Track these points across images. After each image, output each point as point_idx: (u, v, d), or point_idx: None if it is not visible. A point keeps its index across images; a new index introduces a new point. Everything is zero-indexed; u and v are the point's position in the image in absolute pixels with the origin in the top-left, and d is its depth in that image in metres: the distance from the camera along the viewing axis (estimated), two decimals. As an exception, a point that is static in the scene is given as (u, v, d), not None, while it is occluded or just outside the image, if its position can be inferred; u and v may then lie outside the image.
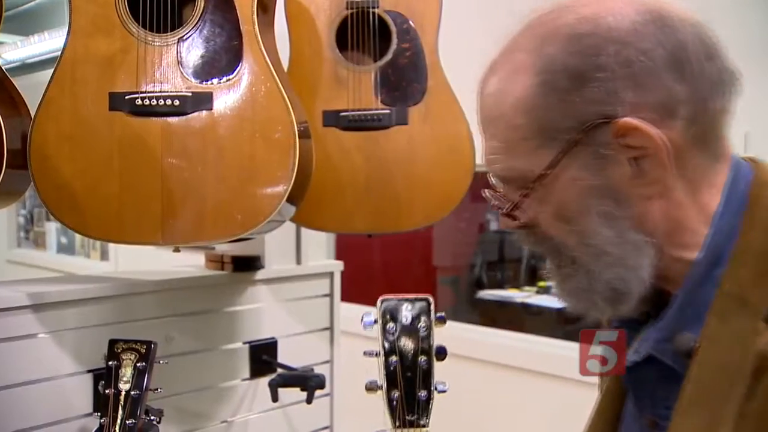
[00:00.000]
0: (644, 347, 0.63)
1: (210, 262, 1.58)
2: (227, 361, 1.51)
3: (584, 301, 0.63)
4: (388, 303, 0.84)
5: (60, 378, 1.27)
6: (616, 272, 0.60)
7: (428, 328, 0.83)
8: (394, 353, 0.83)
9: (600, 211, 0.60)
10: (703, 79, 0.59)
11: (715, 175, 0.61)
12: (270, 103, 1.10)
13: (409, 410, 0.81)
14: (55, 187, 1.10)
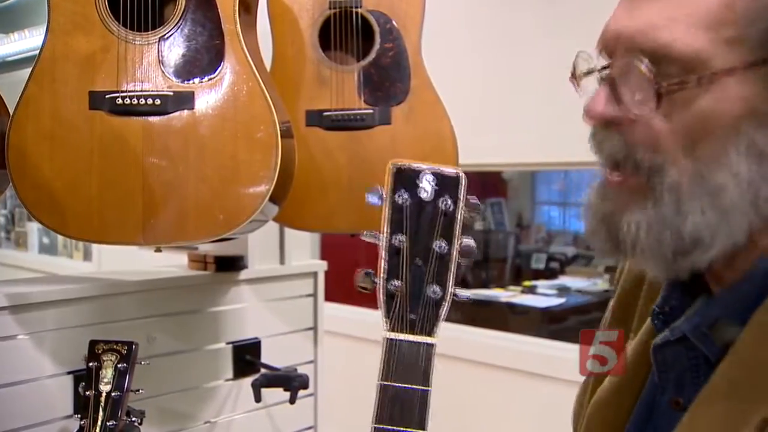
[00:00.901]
0: (680, 328, 0.59)
1: (193, 262, 1.57)
2: (210, 362, 1.50)
3: (648, 237, 0.54)
4: (402, 169, 0.63)
5: (40, 380, 1.25)
6: (711, 219, 0.53)
7: (454, 208, 0.61)
8: (402, 231, 0.62)
9: (750, 145, 0.52)
10: None
11: None
12: (252, 103, 1.09)
13: (411, 308, 0.61)
14: (33, 186, 1.09)
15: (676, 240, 0.54)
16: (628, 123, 0.55)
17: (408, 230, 0.62)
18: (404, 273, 0.62)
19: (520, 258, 4.43)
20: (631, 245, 0.56)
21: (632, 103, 0.54)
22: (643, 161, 0.54)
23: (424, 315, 0.61)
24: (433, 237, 0.61)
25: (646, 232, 0.55)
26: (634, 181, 0.56)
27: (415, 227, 0.62)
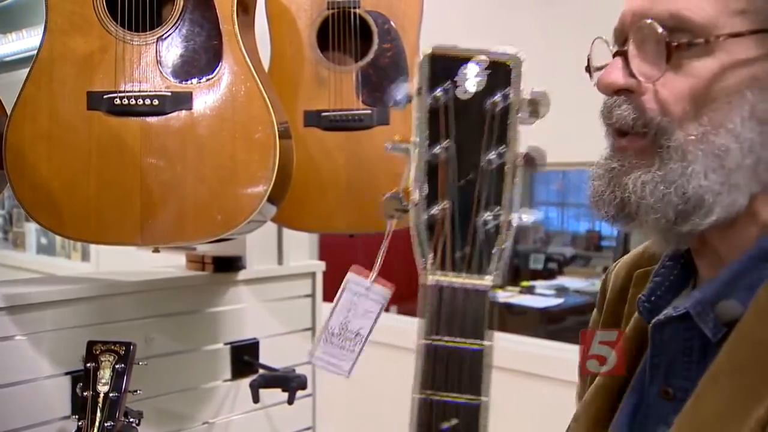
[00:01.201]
0: (684, 304, 0.60)
1: (191, 262, 1.57)
2: (208, 362, 1.50)
3: (652, 196, 0.56)
4: (439, 56, 0.49)
5: (38, 380, 1.25)
6: (714, 182, 0.55)
7: (506, 106, 0.47)
8: (440, 139, 0.47)
9: (753, 111, 0.55)
10: None
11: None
12: (250, 103, 1.09)
13: (458, 242, 0.47)
14: (31, 186, 1.09)
15: (680, 200, 0.56)
16: (638, 91, 0.58)
17: (449, 137, 0.47)
18: (446, 195, 0.47)
19: (518, 258, 4.44)
20: (636, 205, 0.57)
21: (645, 67, 0.57)
22: (651, 125, 0.57)
23: (475, 250, 0.47)
24: (484, 144, 0.47)
25: (652, 191, 0.56)
26: (641, 144, 0.58)
27: (458, 133, 0.47)
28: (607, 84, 0.59)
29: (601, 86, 0.60)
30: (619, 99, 0.59)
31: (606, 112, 0.60)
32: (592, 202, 0.61)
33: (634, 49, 0.58)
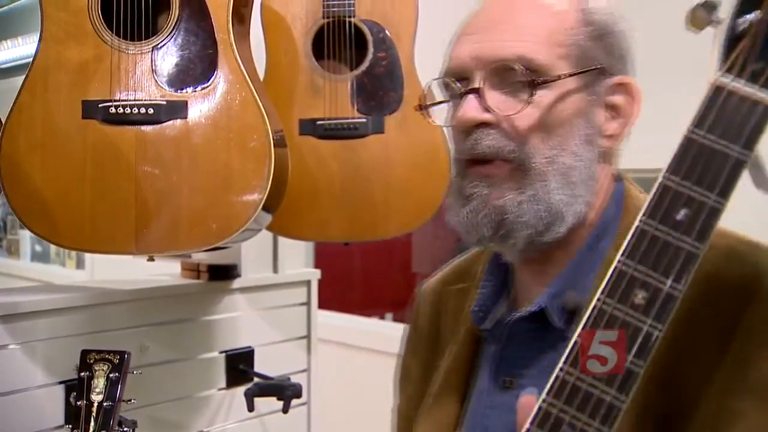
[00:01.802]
0: (538, 302, 0.69)
1: (186, 270, 1.56)
2: (203, 371, 1.50)
3: (529, 214, 0.66)
4: None
5: (31, 390, 1.24)
6: (566, 195, 0.66)
7: None
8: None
9: (583, 134, 0.68)
10: None
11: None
12: (245, 112, 1.09)
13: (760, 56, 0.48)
14: (25, 195, 1.09)
15: (547, 214, 0.66)
16: (494, 122, 0.67)
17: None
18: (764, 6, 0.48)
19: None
20: (513, 224, 0.66)
21: (505, 101, 0.67)
22: (515, 152, 0.67)
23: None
24: None
25: (527, 209, 0.66)
26: (507, 169, 0.67)
27: None
28: (469, 119, 0.67)
29: (462, 122, 0.67)
30: (483, 131, 0.67)
31: (472, 144, 0.67)
32: (465, 226, 0.68)
33: (488, 86, 0.67)
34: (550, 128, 0.67)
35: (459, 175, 0.70)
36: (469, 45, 0.69)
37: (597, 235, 0.70)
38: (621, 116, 0.71)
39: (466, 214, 0.68)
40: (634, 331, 0.51)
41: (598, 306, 0.52)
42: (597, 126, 0.69)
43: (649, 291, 0.50)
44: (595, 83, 0.69)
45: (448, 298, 0.81)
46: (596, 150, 0.69)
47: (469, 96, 0.67)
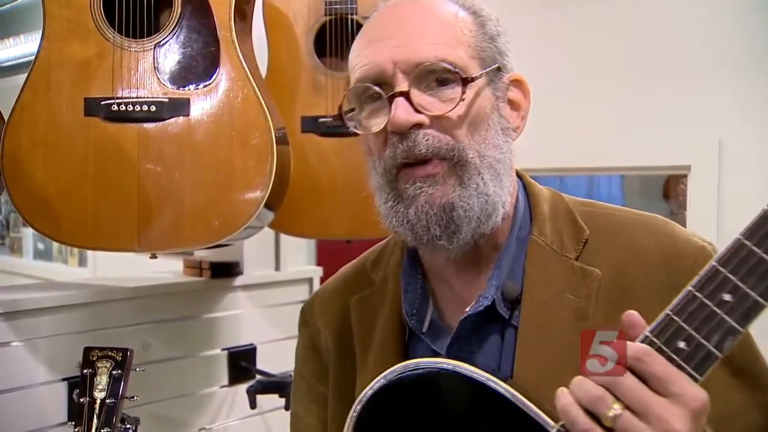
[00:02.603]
0: (487, 297, 0.71)
1: (188, 268, 1.57)
2: (205, 368, 1.50)
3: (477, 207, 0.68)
4: None
5: (34, 387, 1.25)
6: (496, 186, 0.70)
7: None
8: None
9: (500, 127, 0.72)
10: None
11: None
12: (247, 109, 1.09)
13: None
14: (28, 192, 1.09)
15: (489, 206, 0.69)
16: (426, 123, 0.68)
17: None
18: None
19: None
20: (461, 218, 0.68)
21: (435, 102, 0.69)
22: (453, 149, 0.69)
23: None
24: None
25: (474, 203, 0.68)
26: (446, 167, 0.69)
27: None
28: (404, 122, 0.67)
29: (397, 125, 0.68)
30: (419, 132, 0.68)
31: (410, 146, 0.68)
32: (414, 225, 0.69)
33: (414, 89, 0.68)
34: (475, 124, 0.70)
35: (391, 181, 0.70)
36: (387, 50, 0.70)
37: (516, 226, 0.75)
38: (520, 110, 0.76)
39: (414, 214, 0.68)
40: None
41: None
42: (507, 119, 0.74)
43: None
44: (497, 81, 0.73)
45: (352, 308, 0.82)
46: (510, 143, 0.74)
47: (398, 99, 0.68)
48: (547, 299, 0.70)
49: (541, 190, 0.78)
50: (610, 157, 1.50)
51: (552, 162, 1.57)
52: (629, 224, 0.75)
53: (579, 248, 0.72)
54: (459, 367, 0.62)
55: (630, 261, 0.70)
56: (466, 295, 0.74)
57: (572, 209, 0.77)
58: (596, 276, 0.70)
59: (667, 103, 1.40)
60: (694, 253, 0.70)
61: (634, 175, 2.65)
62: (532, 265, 0.72)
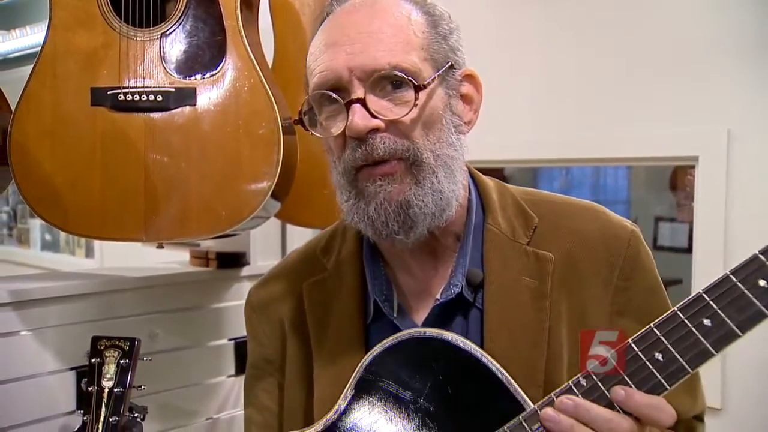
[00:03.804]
0: (456, 286, 0.77)
1: (195, 258, 1.57)
2: (212, 358, 1.50)
3: (432, 205, 0.72)
4: None
5: (43, 375, 1.25)
6: (450, 182, 0.74)
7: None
8: None
9: (453, 125, 0.75)
10: None
11: None
12: (254, 99, 1.09)
13: None
14: (35, 182, 1.09)
15: (443, 202, 0.73)
16: (382, 127, 0.71)
17: None
18: None
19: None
20: (417, 215, 0.72)
21: (390, 107, 0.72)
22: (409, 150, 0.72)
23: None
24: None
25: (430, 201, 0.72)
26: (403, 166, 0.72)
27: None
28: (362, 128, 0.71)
29: (356, 132, 0.71)
30: (376, 136, 0.71)
31: (368, 150, 0.71)
32: (374, 221, 0.72)
33: (370, 95, 0.71)
34: (429, 125, 0.73)
35: (353, 180, 0.74)
36: (343, 57, 0.72)
37: (472, 216, 0.80)
38: (473, 104, 0.79)
39: (374, 210, 0.72)
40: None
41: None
42: (459, 115, 0.77)
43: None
44: (449, 78, 0.76)
45: (305, 293, 0.85)
46: (463, 138, 0.77)
47: (354, 106, 0.71)
48: (507, 282, 0.77)
49: (487, 182, 0.84)
50: (617, 147, 1.49)
51: (558, 153, 1.57)
52: (571, 211, 0.82)
53: (529, 234, 0.79)
54: (458, 340, 0.69)
55: (575, 244, 0.78)
56: (427, 282, 0.80)
57: (518, 198, 0.83)
58: (550, 260, 0.77)
59: (676, 93, 1.39)
60: (627, 236, 0.78)
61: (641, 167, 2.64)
62: (490, 251, 0.78)
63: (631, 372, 0.61)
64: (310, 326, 0.83)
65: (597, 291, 0.76)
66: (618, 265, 0.76)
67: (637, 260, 0.78)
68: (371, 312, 0.81)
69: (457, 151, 0.76)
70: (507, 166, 2.07)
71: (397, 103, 0.72)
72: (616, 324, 0.75)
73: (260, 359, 0.91)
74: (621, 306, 0.76)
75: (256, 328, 0.92)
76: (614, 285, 0.76)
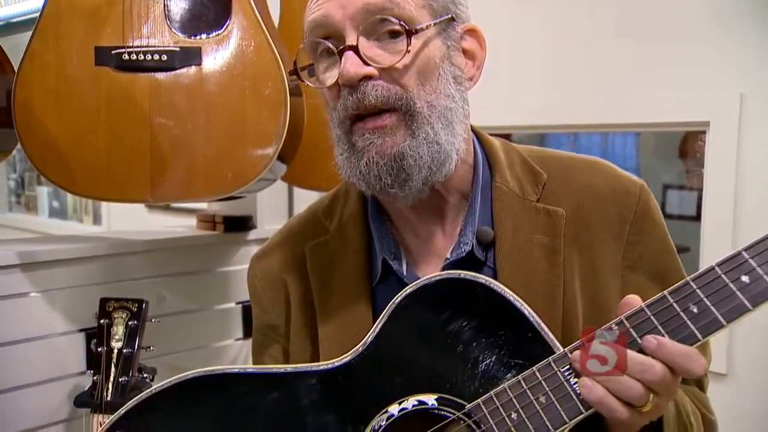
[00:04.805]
0: (467, 244, 0.76)
1: (201, 222, 1.57)
2: (220, 321, 1.51)
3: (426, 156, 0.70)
4: None
5: (53, 337, 1.27)
6: (448, 135, 0.72)
7: None
8: None
9: (452, 76, 0.73)
10: None
11: None
12: (260, 59, 1.08)
13: None
14: (40, 142, 1.09)
15: (439, 154, 0.71)
16: (376, 75, 0.70)
17: None
18: None
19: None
20: (412, 167, 0.70)
21: (383, 54, 0.70)
22: (401, 99, 0.70)
23: None
24: None
25: (425, 152, 0.70)
26: (396, 117, 0.70)
27: None
28: (353, 75, 0.69)
29: (347, 79, 0.69)
30: (369, 84, 0.69)
31: (359, 98, 0.69)
32: (366, 176, 0.71)
33: (363, 41, 0.69)
34: (424, 74, 0.71)
35: (346, 133, 0.72)
36: (335, 3, 0.70)
37: (479, 175, 0.79)
38: (476, 60, 0.77)
39: (365, 165, 0.70)
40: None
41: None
42: (460, 68, 0.75)
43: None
44: (449, 30, 0.74)
45: (308, 255, 0.84)
46: (464, 91, 0.75)
47: (347, 53, 0.69)
48: (520, 240, 0.76)
49: (493, 141, 0.83)
50: (626, 113, 1.47)
51: (566, 119, 1.55)
52: (579, 166, 0.81)
53: (539, 191, 0.78)
54: (492, 283, 0.68)
55: (585, 199, 0.77)
56: (434, 243, 0.79)
57: (525, 156, 0.82)
58: (561, 215, 0.76)
59: (686, 56, 1.36)
60: (637, 190, 0.78)
61: (650, 134, 2.61)
62: (500, 210, 0.77)
63: (665, 322, 0.60)
64: (314, 289, 0.82)
65: (608, 246, 0.76)
66: (629, 219, 0.76)
67: (647, 214, 0.77)
68: (378, 272, 0.79)
69: (456, 103, 0.73)
70: (514, 132, 2.06)
71: (391, 51, 0.70)
72: (627, 279, 0.75)
73: (264, 326, 0.90)
74: (632, 260, 0.76)
75: (260, 295, 0.90)
76: (625, 239, 0.76)
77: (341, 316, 0.79)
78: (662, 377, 0.59)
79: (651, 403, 0.60)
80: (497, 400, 0.65)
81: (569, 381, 0.63)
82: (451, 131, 0.73)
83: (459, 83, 0.74)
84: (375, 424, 0.69)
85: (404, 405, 0.68)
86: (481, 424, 0.65)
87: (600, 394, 0.60)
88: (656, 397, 0.60)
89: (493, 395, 0.65)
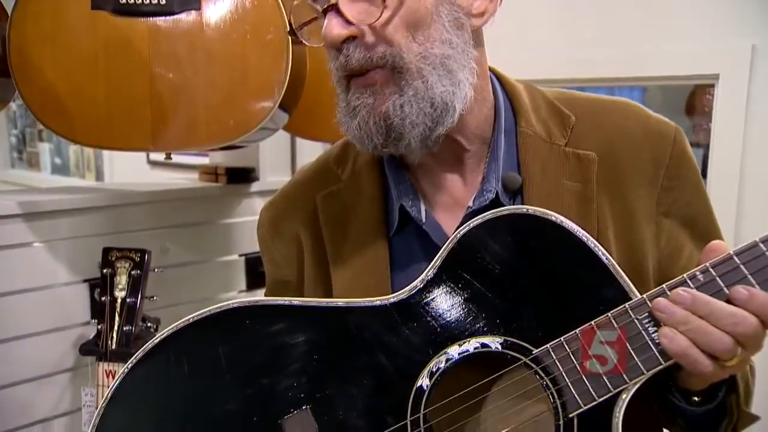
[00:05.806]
0: (490, 191, 0.73)
1: (204, 174, 1.56)
2: (223, 273, 1.52)
3: (413, 112, 0.67)
4: None
5: (57, 287, 1.27)
6: (448, 85, 0.68)
7: None
8: None
9: (450, 20, 0.69)
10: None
11: None
12: (261, 3, 1.05)
13: None
14: (39, 90, 1.07)
15: (432, 109, 0.68)
16: (360, 34, 0.67)
17: None
18: None
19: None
20: (401, 126, 0.67)
21: (362, 12, 0.66)
22: (385, 57, 0.67)
23: None
24: None
25: (410, 110, 0.67)
26: (383, 75, 0.67)
27: None
28: (335, 37, 0.66)
29: (329, 42, 0.67)
30: (351, 45, 0.67)
31: (343, 62, 0.67)
32: (359, 137, 0.69)
33: (344, 0, 0.66)
34: (415, 25, 0.67)
35: (344, 91, 0.70)
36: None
37: (501, 120, 0.75)
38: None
39: (357, 126, 0.68)
40: None
41: None
42: (463, 6, 0.70)
43: None
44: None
45: (320, 206, 0.81)
46: (468, 32, 0.70)
47: (329, 14, 0.67)
48: (549, 187, 0.72)
49: (516, 84, 0.79)
50: (633, 66, 1.44)
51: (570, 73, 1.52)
52: (609, 107, 0.77)
53: (567, 134, 0.75)
54: (563, 221, 0.64)
55: (616, 142, 0.73)
56: (454, 191, 0.76)
57: (551, 98, 0.78)
58: (593, 159, 0.73)
59: (695, 6, 1.33)
60: (673, 132, 0.74)
61: (656, 88, 2.57)
62: (526, 156, 0.74)
63: (756, 272, 0.56)
64: (327, 241, 0.79)
65: (642, 191, 0.72)
66: (664, 163, 0.72)
67: (683, 158, 0.73)
68: (395, 222, 0.76)
69: (455, 49, 0.69)
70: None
71: (374, 6, 0.66)
72: (661, 225, 0.72)
73: (277, 282, 0.87)
74: (666, 207, 0.73)
75: (271, 250, 0.87)
76: (660, 184, 0.72)
77: (356, 269, 0.76)
78: (754, 330, 0.56)
79: (738, 357, 0.57)
80: (568, 347, 0.61)
81: (648, 330, 0.59)
82: (451, 79, 0.69)
83: (459, 26, 0.70)
84: (432, 366, 0.65)
85: (465, 347, 0.65)
86: (550, 371, 0.62)
87: (684, 345, 0.58)
88: (744, 351, 0.57)
89: (564, 341, 0.61)
